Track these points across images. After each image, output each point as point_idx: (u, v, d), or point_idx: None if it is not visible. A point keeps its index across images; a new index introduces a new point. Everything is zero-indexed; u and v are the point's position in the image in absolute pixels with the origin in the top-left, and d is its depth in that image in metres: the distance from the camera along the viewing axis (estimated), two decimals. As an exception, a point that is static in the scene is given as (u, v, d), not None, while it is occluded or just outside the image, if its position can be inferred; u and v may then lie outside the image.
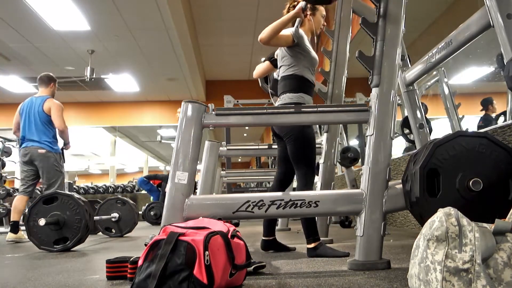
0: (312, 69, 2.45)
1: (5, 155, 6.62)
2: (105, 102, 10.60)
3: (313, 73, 2.47)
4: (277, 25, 2.21)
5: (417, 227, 3.82)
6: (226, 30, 7.46)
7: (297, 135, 2.35)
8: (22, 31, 6.56)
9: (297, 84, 2.38)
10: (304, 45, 2.40)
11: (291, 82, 2.39)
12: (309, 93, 2.42)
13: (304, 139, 2.35)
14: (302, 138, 2.35)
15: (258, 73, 2.86)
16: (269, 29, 2.20)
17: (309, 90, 2.43)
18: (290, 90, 2.38)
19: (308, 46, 2.43)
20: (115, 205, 4.42)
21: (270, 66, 2.76)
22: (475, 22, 2.06)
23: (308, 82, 2.42)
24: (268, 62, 2.77)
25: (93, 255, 2.77)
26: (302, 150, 2.36)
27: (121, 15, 6.13)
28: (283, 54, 2.44)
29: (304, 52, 2.39)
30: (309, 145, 2.37)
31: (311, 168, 2.38)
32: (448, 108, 4.22)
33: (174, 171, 1.83)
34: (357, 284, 1.46)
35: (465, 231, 1.08)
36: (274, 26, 2.21)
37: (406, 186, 1.74)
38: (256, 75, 2.87)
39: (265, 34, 2.20)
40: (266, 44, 2.22)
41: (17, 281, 1.81)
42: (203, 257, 1.26)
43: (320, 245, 2.28)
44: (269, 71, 2.84)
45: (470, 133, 1.72)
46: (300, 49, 2.38)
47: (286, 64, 2.42)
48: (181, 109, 1.88)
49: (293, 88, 2.38)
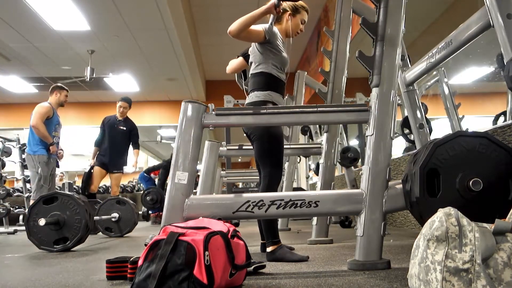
0: (281, 68, 2.38)
1: (5, 155, 6.61)
2: (105, 102, 10.59)
3: (283, 72, 2.40)
4: (247, 19, 2.14)
5: (417, 227, 3.82)
6: (226, 30, 7.45)
7: (261, 133, 2.27)
8: (22, 31, 6.56)
9: (265, 82, 2.31)
10: (275, 44, 2.33)
11: (259, 80, 2.33)
12: (278, 90, 2.35)
13: (269, 137, 2.27)
14: (267, 136, 2.27)
15: (231, 68, 2.76)
16: (238, 22, 2.14)
17: (278, 88, 2.36)
18: (258, 88, 2.32)
19: (280, 46, 2.36)
20: (115, 205, 4.42)
21: (243, 62, 2.67)
22: (475, 22, 2.06)
23: (277, 79, 2.34)
24: (242, 58, 2.68)
25: (93, 255, 2.77)
26: (266, 149, 2.28)
27: (121, 15, 6.13)
28: (253, 51, 2.38)
29: (274, 50, 2.32)
30: (274, 143, 2.28)
31: (276, 168, 2.28)
32: (448, 108, 4.21)
33: (174, 171, 1.83)
34: (357, 284, 1.46)
35: (465, 231, 1.08)
36: (243, 19, 2.13)
37: (406, 186, 1.74)
38: (228, 70, 2.78)
39: (234, 27, 2.14)
40: (235, 37, 2.16)
41: (17, 281, 1.81)
42: (203, 257, 1.26)
43: (280, 248, 2.18)
44: (242, 67, 2.75)
45: (470, 133, 1.72)
46: (271, 47, 2.31)
47: (255, 61, 2.36)
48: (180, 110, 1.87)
49: (261, 86, 2.31)
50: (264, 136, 2.28)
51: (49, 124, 4.18)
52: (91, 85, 8.49)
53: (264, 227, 2.25)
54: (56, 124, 4.27)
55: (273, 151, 2.28)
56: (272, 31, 2.30)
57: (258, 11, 2.16)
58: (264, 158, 2.30)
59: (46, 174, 4.08)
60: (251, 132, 2.33)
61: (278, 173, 2.29)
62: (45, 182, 4.06)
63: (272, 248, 2.19)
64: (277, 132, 2.30)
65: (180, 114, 1.88)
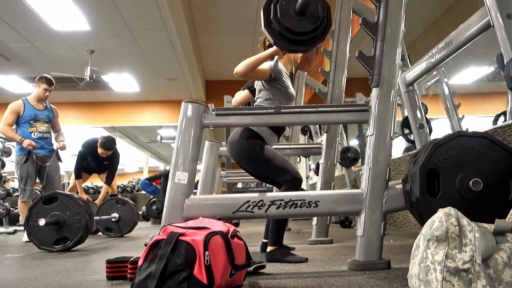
0: (287, 104, 2.37)
1: (5, 155, 6.62)
2: (105, 102, 10.59)
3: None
4: (254, 61, 2.14)
5: (417, 227, 3.82)
6: (226, 30, 7.45)
7: (248, 159, 2.24)
8: (22, 31, 6.56)
9: None
10: (282, 81, 2.32)
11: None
12: (273, 129, 2.31)
13: (256, 159, 2.21)
14: (254, 158, 2.22)
15: (237, 101, 2.78)
16: (245, 64, 2.13)
17: (277, 128, 2.34)
18: None
19: (286, 82, 2.36)
20: (115, 205, 4.42)
21: (249, 95, 2.70)
22: (475, 22, 2.06)
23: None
24: (248, 91, 2.71)
25: (93, 255, 2.77)
26: (263, 170, 2.24)
27: (121, 15, 6.13)
28: (260, 87, 2.38)
29: (281, 87, 2.33)
30: (265, 160, 2.20)
31: (287, 174, 2.17)
32: (448, 108, 4.22)
33: (174, 171, 1.83)
34: (357, 284, 1.46)
35: (465, 231, 1.08)
36: (250, 62, 2.13)
37: (406, 186, 1.74)
38: (234, 103, 2.79)
39: (241, 68, 2.13)
40: (241, 77, 2.17)
41: (17, 281, 1.81)
42: (203, 257, 1.26)
43: (279, 248, 2.19)
44: (248, 99, 2.77)
45: (470, 133, 1.72)
46: (277, 84, 2.31)
47: (261, 96, 2.36)
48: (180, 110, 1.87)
49: None
50: (252, 159, 2.24)
51: (21, 121, 4.03)
52: (91, 85, 8.48)
53: (272, 226, 2.24)
54: (30, 120, 4.05)
55: (271, 166, 2.21)
56: (278, 68, 2.29)
57: (264, 54, 2.18)
58: (269, 176, 2.27)
59: (23, 175, 3.96)
60: (238, 161, 2.30)
61: (295, 177, 2.18)
62: (25, 184, 3.96)
63: (272, 248, 2.20)
64: (256, 148, 2.22)
65: (180, 114, 1.88)
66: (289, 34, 1.80)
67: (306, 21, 1.81)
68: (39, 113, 4.12)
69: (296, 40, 1.83)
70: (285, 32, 1.80)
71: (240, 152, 2.26)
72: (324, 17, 1.85)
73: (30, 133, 4.03)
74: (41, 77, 4.16)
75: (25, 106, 4.08)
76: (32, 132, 4.06)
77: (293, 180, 2.16)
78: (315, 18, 1.82)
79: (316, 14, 1.82)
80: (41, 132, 4.11)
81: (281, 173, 2.18)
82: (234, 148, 2.28)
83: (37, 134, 4.08)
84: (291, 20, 1.79)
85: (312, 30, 1.81)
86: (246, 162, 2.29)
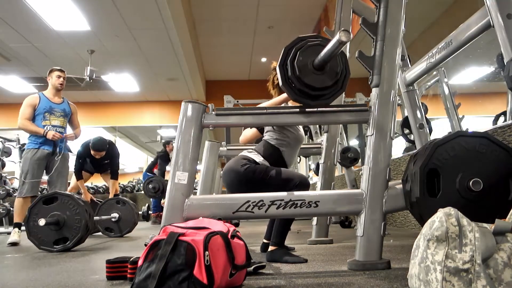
0: (295, 145, 2.39)
1: (5, 155, 6.62)
2: (105, 102, 10.59)
3: (296, 150, 2.42)
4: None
5: (417, 227, 3.82)
6: (226, 30, 7.45)
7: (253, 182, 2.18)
8: (22, 31, 6.56)
9: (269, 153, 2.32)
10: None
11: (266, 147, 2.34)
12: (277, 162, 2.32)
13: (260, 180, 2.18)
14: (259, 180, 2.18)
15: (244, 139, 2.76)
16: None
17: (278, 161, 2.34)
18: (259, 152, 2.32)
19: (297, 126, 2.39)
20: (115, 205, 4.42)
21: (257, 133, 2.68)
22: (475, 22, 2.06)
23: (281, 160, 2.34)
24: (256, 129, 2.71)
25: (93, 255, 2.77)
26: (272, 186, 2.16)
27: (121, 15, 6.13)
28: (268, 128, 2.41)
29: (291, 128, 2.35)
30: (266, 178, 2.17)
31: (295, 179, 2.17)
32: (448, 108, 4.22)
33: (174, 171, 1.83)
34: (357, 284, 1.46)
35: (465, 231, 1.08)
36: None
37: (406, 186, 1.74)
38: (242, 141, 2.78)
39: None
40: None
41: (17, 281, 1.81)
42: (203, 257, 1.26)
43: (280, 249, 2.19)
44: (256, 137, 2.77)
45: (470, 133, 1.72)
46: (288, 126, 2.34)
47: (272, 135, 2.38)
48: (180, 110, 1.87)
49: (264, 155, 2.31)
50: (257, 182, 2.18)
51: (36, 114, 3.95)
52: (91, 85, 8.47)
53: (277, 227, 2.24)
54: (45, 112, 3.98)
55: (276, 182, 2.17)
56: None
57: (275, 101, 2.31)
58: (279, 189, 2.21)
59: (26, 168, 3.88)
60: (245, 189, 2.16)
61: (297, 180, 2.18)
62: (25, 177, 3.88)
63: (273, 248, 2.21)
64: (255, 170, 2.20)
65: (180, 114, 1.88)
66: (310, 90, 1.80)
67: (326, 75, 1.80)
68: (55, 105, 4.03)
69: (318, 95, 1.82)
70: (306, 89, 1.79)
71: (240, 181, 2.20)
72: (343, 69, 1.84)
73: (43, 127, 3.93)
74: (51, 69, 4.14)
75: (40, 98, 3.99)
76: (45, 126, 3.94)
77: (302, 183, 2.16)
78: (334, 71, 1.81)
79: (335, 68, 1.81)
80: (54, 126, 3.98)
81: (288, 181, 2.17)
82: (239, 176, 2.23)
83: (49, 128, 3.96)
84: (310, 76, 1.77)
85: (333, 84, 1.81)
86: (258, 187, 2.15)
